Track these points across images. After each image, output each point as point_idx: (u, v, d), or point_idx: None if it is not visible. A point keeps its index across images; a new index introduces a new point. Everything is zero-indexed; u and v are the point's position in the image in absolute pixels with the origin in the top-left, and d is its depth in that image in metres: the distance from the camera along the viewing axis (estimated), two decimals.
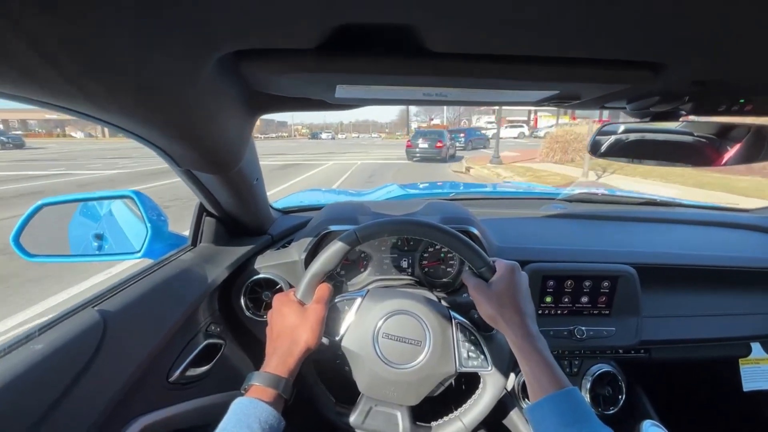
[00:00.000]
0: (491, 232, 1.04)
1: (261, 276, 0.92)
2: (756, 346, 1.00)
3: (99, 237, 1.03)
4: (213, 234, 0.88)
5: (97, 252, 0.99)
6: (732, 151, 0.80)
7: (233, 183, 0.69)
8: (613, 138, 0.87)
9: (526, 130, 35.79)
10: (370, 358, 0.67)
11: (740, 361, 1.01)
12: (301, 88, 0.45)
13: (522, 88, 0.44)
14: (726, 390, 1.11)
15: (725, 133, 0.79)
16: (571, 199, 1.32)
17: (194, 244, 0.87)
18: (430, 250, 0.98)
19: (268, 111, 0.55)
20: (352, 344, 0.68)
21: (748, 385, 1.00)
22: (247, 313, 0.92)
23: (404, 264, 1.00)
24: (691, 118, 0.61)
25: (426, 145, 13.77)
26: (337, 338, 0.69)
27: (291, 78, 0.40)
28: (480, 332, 0.70)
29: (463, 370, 0.68)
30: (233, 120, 0.50)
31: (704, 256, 1.02)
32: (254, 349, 0.94)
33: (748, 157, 0.78)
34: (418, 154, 14.03)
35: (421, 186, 1.84)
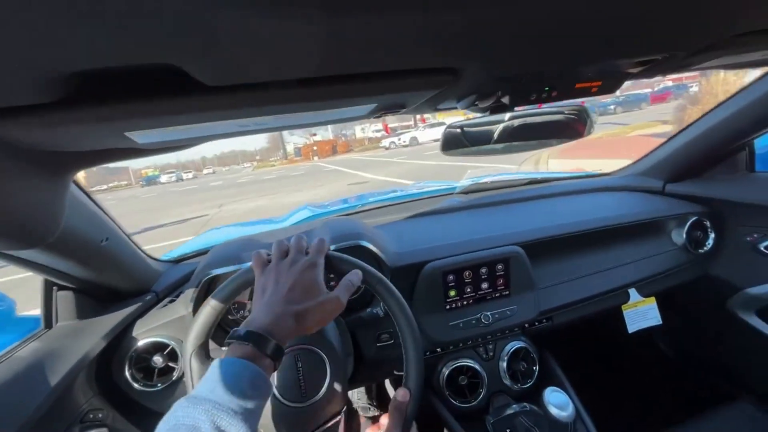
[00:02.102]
0: (393, 240, 1.05)
1: (145, 341, 0.82)
2: (633, 292, 1.14)
3: None
4: (73, 309, 0.76)
5: None
6: (581, 125, 0.90)
7: (67, 251, 0.60)
8: (482, 129, 0.93)
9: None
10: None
11: (623, 307, 1.14)
12: (89, 140, 0.40)
13: (337, 106, 0.44)
14: (617, 336, 1.24)
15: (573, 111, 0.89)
16: (465, 191, 1.40)
17: (48, 325, 0.74)
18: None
19: (76, 167, 0.49)
20: None
21: (631, 327, 1.13)
22: (138, 386, 0.81)
23: None
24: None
25: None
26: None
27: (62, 133, 0.35)
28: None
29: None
30: (26, 187, 0.43)
31: (579, 222, 1.13)
32: (151, 425, 0.83)
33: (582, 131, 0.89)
34: None
35: (332, 205, 1.82)
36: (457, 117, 0.95)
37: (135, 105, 0.33)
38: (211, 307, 0.60)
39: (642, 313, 1.13)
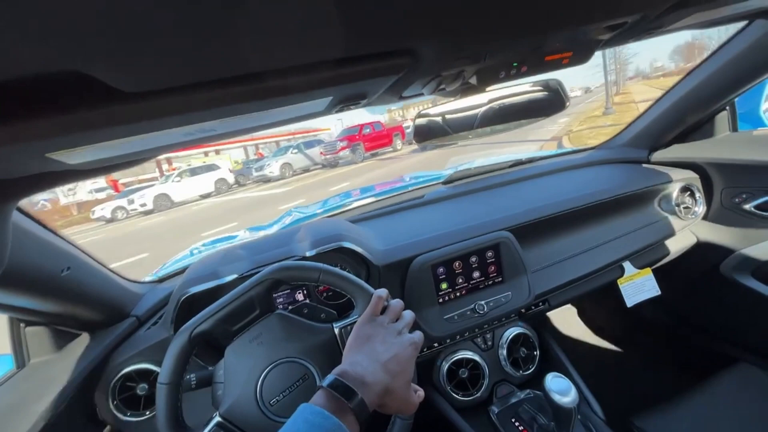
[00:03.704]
0: (378, 237, 1.02)
1: (128, 369, 0.78)
2: (627, 265, 1.12)
3: None
4: (46, 344, 0.72)
5: None
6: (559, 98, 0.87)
7: (22, 287, 0.56)
8: (456, 116, 0.90)
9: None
10: (255, 414, 0.58)
11: (619, 282, 1.12)
12: (11, 165, 0.36)
13: (290, 102, 0.40)
14: (616, 311, 1.23)
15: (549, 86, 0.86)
16: (450, 180, 1.37)
17: (20, 365, 0.70)
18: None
19: (13, 196, 0.45)
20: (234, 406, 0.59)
21: (630, 301, 1.11)
22: (123, 417, 0.78)
23: (300, 296, 0.94)
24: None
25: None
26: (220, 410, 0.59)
27: None
28: None
29: None
30: None
31: (567, 200, 1.11)
32: None
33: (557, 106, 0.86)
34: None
35: (316, 206, 1.78)
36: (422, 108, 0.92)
37: (47, 122, 0.29)
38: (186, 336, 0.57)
39: (639, 286, 1.11)
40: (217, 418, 0.57)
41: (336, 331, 0.64)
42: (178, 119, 0.35)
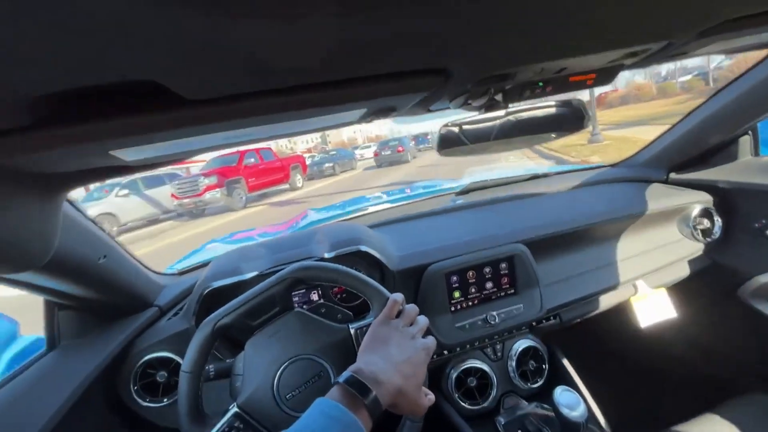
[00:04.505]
0: (393, 243, 1.04)
1: (150, 356, 0.81)
2: (641, 284, 1.12)
3: None
4: (75, 327, 0.76)
5: None
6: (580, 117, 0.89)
7: (65, 271, 0.60)
8: (476, 127, 0.92)
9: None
10: (272, 408, 0.61)
11: (632, 300, 1.12)
12: (74, 161, 0.39)
13: (326, 113, 0.43)
14: (628, 330, 1.22)
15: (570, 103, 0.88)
16: (466, 190, 1.39)
17: (51, 346, 0.74)
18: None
19: (67, 188, 0.48)
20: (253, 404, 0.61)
21: (644, 321, 1.11)
22: (144, 403, 0.81)
23: (314, 296, 0.96)
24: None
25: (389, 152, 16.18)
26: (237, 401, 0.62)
27: (46, 155, 0.35)
28: None
29: None
30: (15, 209, 0.42)
31: (582, 216, 1.12)
32: None
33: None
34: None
35: (332, 209, 1.81)
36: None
37: (116, 123, 0.32)
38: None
39: (654, 306, 1.10)
40: (235, 409, 0.59)
41: (352, 331, 0.66)
42: (225, 124, 0.38)
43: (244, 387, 0.62)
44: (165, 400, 0.82)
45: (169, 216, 9.56)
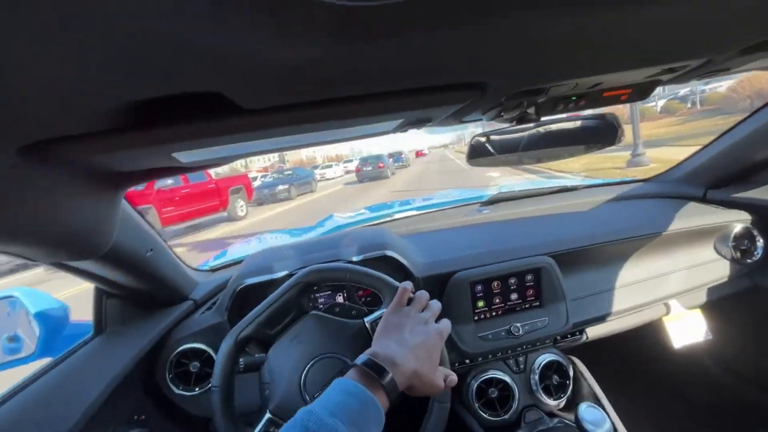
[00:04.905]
0: (418, 250, 1.06)
1: (184, 347, 0.86)
2: (675, 304, 1.08)
3: (12, 339, 0.92)
4: (120, 315, 0.82)
5: (7, 357, 0.88)
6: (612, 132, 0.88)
7: (118, 262, 0.65)
8: (506, 137, 0.93)
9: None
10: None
11: (665, 320, 1.08)
12: (140, 161, 0.44)
13: (366, 123, 0.46)
14: (659, 350, 1.18)
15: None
16: (492, 201, 1.39)
17: (98, 331, 0.80)
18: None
19: (127, 185, 0.53)
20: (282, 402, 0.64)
21: (677, 342, 1.07)
22: (177, 391, 0.85)
23: (340, 299, 0.99)
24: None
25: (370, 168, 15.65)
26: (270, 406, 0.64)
27: (120, 156, 0.39)
28: None
29: None
30: (82, 204, 0.47)
31: (614, 231, 1.09)
32: (191, 429, 0.87)
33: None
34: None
35: (358, 215, 1.84)
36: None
37: (181, 129, 0.36)
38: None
39: (688, 327, 1.07)
40: (268, 415, 0.62)
41: (367, 324, 0.69)
42: (275, 131, 0.41)
43: (273, 393, 0.65)
44: (196, 389, 0.86)
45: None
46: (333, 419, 0.39)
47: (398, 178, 15.42)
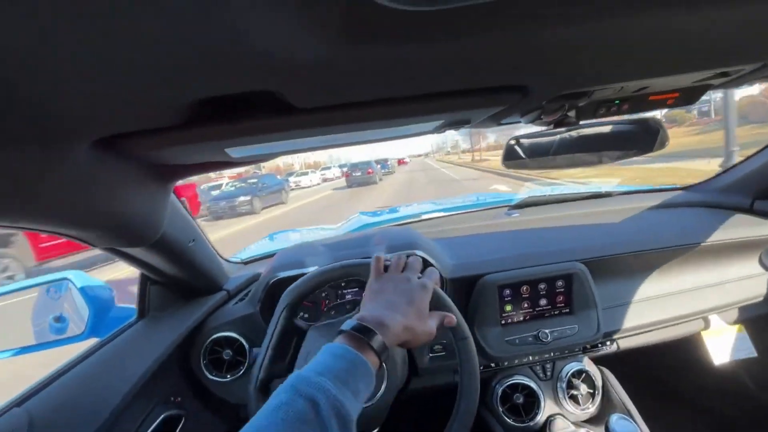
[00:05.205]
0: (447, 251, 1.06)
1: (218, 335, 0.90)
2: (714, 318, 1.03)
3: (58, 319, 0.99)
4: (161, 301, 0.87)
5: (54, 337, 0.95)
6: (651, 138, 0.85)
7: (164, 250, 0.69)
8: (538, 140, 0.91)
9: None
10: None
11: (703, 335, 1.03)
12: (194, 156, 0.46)
13: (407, 123, 0.47)
14: (697, 366, 1.13)
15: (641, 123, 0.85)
16: (521, 204, 1.37)
17: (142, 315, 0.85)
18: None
19: (178, 178, 0.56)
20: None
21: (718, 359, 1.02)
22: (210, 376, 0.89)
23: (330, 302, 1.00)
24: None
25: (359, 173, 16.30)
26: None
27: (177, 150, 0.42)
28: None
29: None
30: (138, 194, 0.50)
31: (651, 239, 1.06)
32: (223, 413, 0.91)
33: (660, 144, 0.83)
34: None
35: (385, 214, 1.86)
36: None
37: (237, 125, 0.38)
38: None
39: (729, 343, 1.01)
40: None
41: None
42: (322, 130, 0.43)
43: None
44: (228, 376, 0.90)
45: None
46: (320, 377, 0.40)
47: (386, 184, 15.69)
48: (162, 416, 0.74)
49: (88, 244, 0.56)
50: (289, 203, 12.31)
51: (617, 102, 0.56)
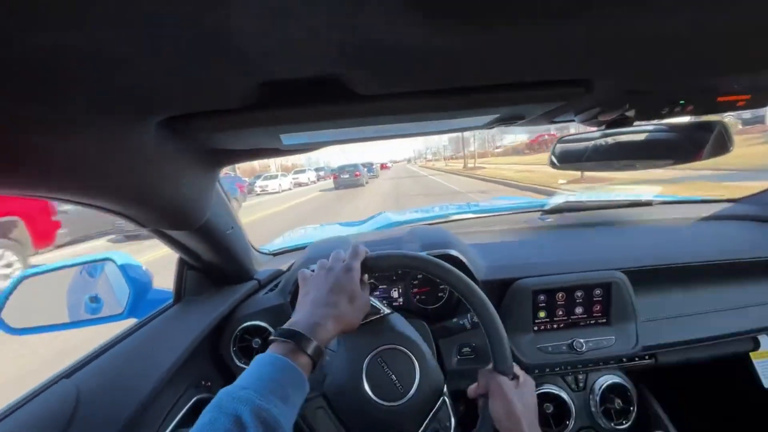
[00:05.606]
0: (478, 253, 1.04)
1: (248, 323, 0.91)
2: (764, 339, 0.97)
3: (93, 299, 1.03)
4: (196, 286, 0.88)
5: (89, 316, 0.98)
6: (707, 145, 0.81)
7: (206, 236, 0.70)
8: (584, 144, 0.88)
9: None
10: (358, 397, 0.65)
11: (751, 355, 0.97)
12: (249, 141, 0.47)
13: (464, 116, 0.46)
14: (743, 388, 1.06)
15: (696, 128, 0.80)
16: (556, 209, 1.32)
17: (178, 299, 0.86)
18: (419, 277, 0.98)
19: (226, 164, 0.57)
20: (335, 385, 0.66)
21: (767, 381, 0.96)
22: (239, 363, 0.90)
23: (395, 294, 0.99)
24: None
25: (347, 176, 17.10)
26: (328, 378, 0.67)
27: (234, 134, 0.42)
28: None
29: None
30: (191, 177, 0.51)
31: (695, 252, 1.01)
32: None
33: (717, 150, 0.79)
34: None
35: (411, 213, 1.85)
36: None
37: (296, 110, 0.38)
38: None
39: None
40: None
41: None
42: (378, 119, 0.42)
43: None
44: None
45: None
46: (243, 391, 0.42)
47: (373, 187, 16.21)
48: (194, 399, 0.76)
49: (138, 224, 0.58)
50: (247, 215, 9.37)
51: (682, 102, 0.53)
